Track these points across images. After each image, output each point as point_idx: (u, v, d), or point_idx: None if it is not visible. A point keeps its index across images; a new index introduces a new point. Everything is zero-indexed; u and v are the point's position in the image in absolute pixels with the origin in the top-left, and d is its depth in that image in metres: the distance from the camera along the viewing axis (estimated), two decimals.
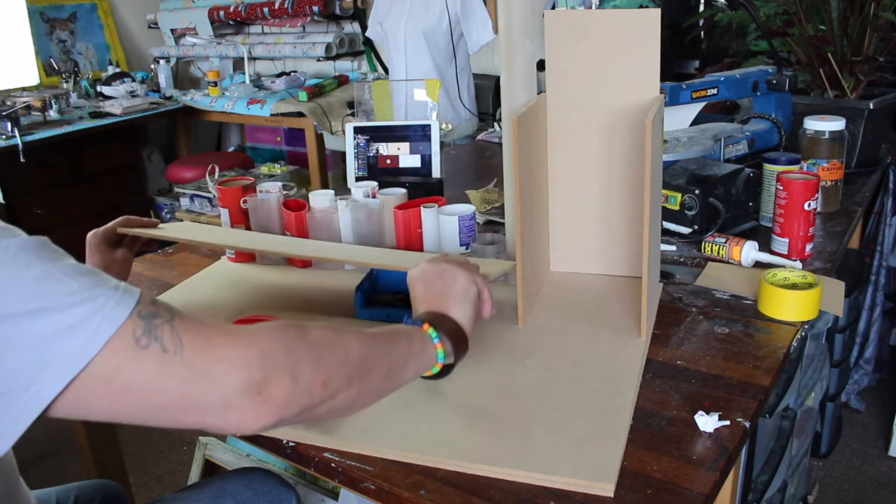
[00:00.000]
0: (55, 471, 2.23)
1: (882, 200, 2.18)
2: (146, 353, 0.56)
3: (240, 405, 0.58)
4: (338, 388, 0.64)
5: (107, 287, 0.57)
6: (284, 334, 0.62)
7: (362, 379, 0.67)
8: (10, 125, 2.96)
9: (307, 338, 0.64)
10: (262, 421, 0.59)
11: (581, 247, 1.18)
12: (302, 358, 0.62)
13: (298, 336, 0.63)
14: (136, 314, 0.57)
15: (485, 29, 2.61)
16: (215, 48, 4.02)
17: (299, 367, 0.61)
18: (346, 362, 0.66)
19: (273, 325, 0.63)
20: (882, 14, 1.65)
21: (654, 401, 0.86)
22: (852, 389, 2.33)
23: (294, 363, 0.61)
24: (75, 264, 0.58)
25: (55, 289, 0.55)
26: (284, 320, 0.65)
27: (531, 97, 1.09)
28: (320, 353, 0.64)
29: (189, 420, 0.59)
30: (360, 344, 0.68)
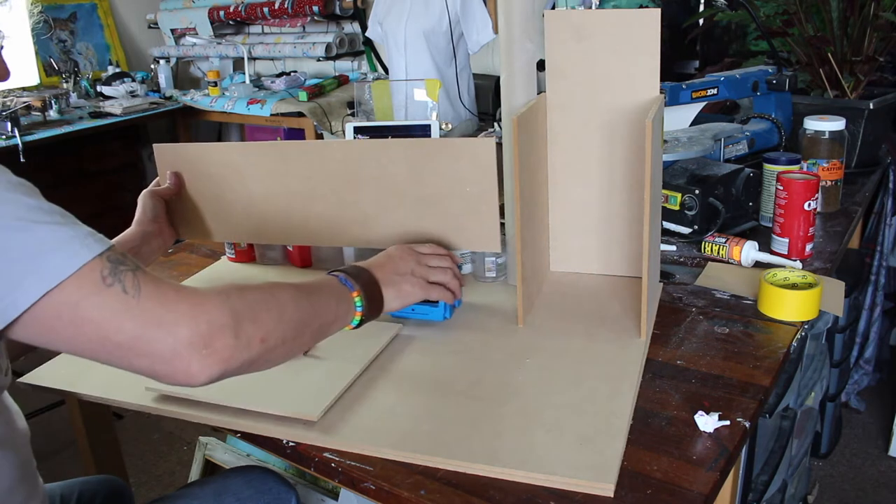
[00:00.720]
0: (55, 471, 2.23)
1: (882, 200, 2.18)
2: (109, 290, 0.64)
3: (187, 356, 0.65)
4: (274, 344, 0.72)
5: (85, 227, 0.67)
6: (228, 296, 0.70)
7: (295, 337, 0.76)
8: (10, 125, 2.96)
9: (246, 297, 0.71)
10: (206, 372, 0.66)
11: (581, 247, 1.18)
12: (244, 317, 0.69)
13: (238, 296, 0.71)
14: (106, 256, 0.65)
15: (485, 29, 2.61)
16: (215, 48, 4.02)
17: (241, 325, 0.69)
18: (281, 321, 0.74)
19: (218, 288, 0.70)
20: (882, 14, 1.65)
21: (654, 401, 0.86)
22: (852, 389, 2.33)
23: (237, 321, 0.69)
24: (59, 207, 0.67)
25: (45, 213, 0.64)
26: (226, 283, 0.73)
27: (531, 97, 1.09)
28: (258, 313, 0.71)
29: (141, 364, 0.66)
30: (295, 304, 0.77)
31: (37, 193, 0.66)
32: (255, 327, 0.70)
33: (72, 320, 0.63)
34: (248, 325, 0.69)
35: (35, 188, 0.67)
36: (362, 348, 0.98)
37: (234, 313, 0.68)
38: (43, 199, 0.66)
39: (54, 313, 0.63)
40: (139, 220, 1.14)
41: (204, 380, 0.67)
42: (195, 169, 1.18)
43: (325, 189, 1.12)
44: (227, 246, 1.34)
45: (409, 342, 1.02)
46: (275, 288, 0.76)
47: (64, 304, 0.63)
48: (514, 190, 0.97)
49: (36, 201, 0.65)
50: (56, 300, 0.62)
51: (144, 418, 2.42)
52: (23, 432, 0.85)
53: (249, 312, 0.70)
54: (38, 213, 0.64)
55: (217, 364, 0.67)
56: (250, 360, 0.70)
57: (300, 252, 1.28)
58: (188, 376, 0.66)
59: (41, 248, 0.62)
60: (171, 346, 0.65)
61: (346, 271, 0.90)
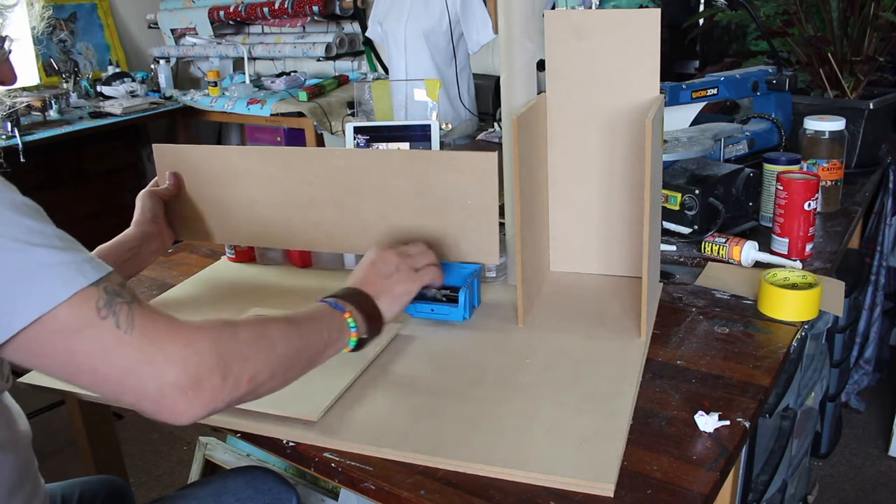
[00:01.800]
0: (55, 471, 2.23)
1: (882, 200, 2.18)
2: (103, 323, 0.63)
3: (174, 396, 0.65)
4: (262, 382, 0.72)
5: (84, 252, 0.66)
6: (218, 335, 0.69)
7: (285, 371, 0.75)
8: (10, 125, 2.96)
9: (237, 337, 0.71)
10: (192, 412, 0.66)
11: (581, 247, 1.18)
12: (232, 357, 0.69)
13: (229, 336, 0.70)
14: (102, 287, 0.65)
15: (485, 29, 2.61)
16: (215, 48, 4.02)
17: (230, 367, 0.68)
18: (270, 358, 0.73)
19: (208, 325, 0.70)
20: (882, 14, 1.65)
21: (654, 401, 0.86)
22: (852, 389, 2.33)
23: (225, 363, 0.68)
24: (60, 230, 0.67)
25: (45, 237, 0.64)
26: (218, 319, 0.72)
27: (531, 97, 1.09)
28: (248, 352, 0.71)
29: (127, 400, 0.66)
30: (284, 339, 0.75)
31: (41, 216, 0.66)
32: (243, 367, 0.69)
33: (64, 349, 0.63)
34: (237, 366, 0.69)
35: (40, 210, 0.67)
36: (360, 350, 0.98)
37: (223, 355, 0.68)
38: (46, 223, 0.66)
39: (48, 339, 0.63)
40: (138, 221, 1.14)
41: (189, 419, 0.67)
42: (195, 170, 1.18)
43: (326, 196, 1.12)
44: (227, 246, 1.34)
45: (409, 342, 1.02)
46: (265, 325, 0.75)
47: (58, 332, 0.63)
48: (514, 190, 0.97)
49: (38, 224, 0.65)
50: (50, 326, 0.62)
51: (144, 418, 2.41)
52: (24, 433, 0.85)
53: (239, 354, 0.70)
54: (38, 235, 0.64)
55: (203, 405, 0.66)
56: (238, 398, 0.70)
57: (300, 252, 1.29)
58: (174, 415, 0.66)
59: (36, 271, 0.62)
60: (158, 386, 0.64)
61: (336, 295, 0.87)
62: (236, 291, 1.23)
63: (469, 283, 1.06)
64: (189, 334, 0.67)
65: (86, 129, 3.26)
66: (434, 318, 1.06)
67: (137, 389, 0.65)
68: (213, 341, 0.68)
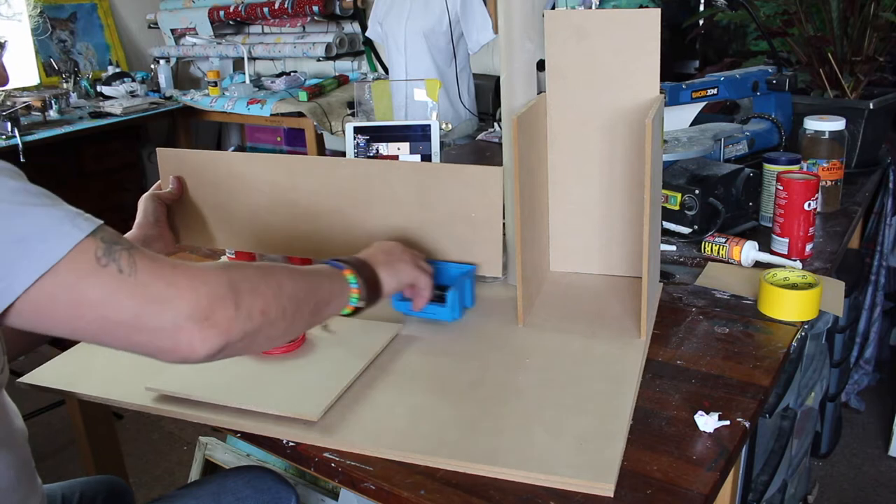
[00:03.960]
0: (55, 470, 2.23)
1: (882, 200, 2.18)
2: (105, 271, 0.63)
3: (188, 328, 0.65)
4: (274, 317, 0.72)
5: (72, 208, 0.65)
6: (226, 269, 0.70)
7: (295, 311, 0.75)
8: (10, 125, 2.96)
9: (245, 272, 0.72)
10: (209, 344, 0.66)
11: (581, 247, 1.18)
12: (243, 288, 0.69)
13: (238, 270, 0.71)
14: (99, 237, 0.64)
15: (485, 29, 2.61)
16: (215, 48, 4.02)
17: (241, 296, 0.68)
18: (280, 294, 0.73)
19: (215, 263, 0.71)
20: (882, 14, 1.65)
21: (654, 401, 0.86)
22: (852, 389, 2.33)
23: (236, 292, 0.68)
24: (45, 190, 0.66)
25: (31, 195, 0.63)
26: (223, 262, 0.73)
27: (531, 97, 1.09)
28: (258, 284, 0.71)
29: (141, 339, 0.65)
30: (291, 280, 0.76)
31: (20, 176, 0.65)
32: (254, 299, 0.69)
33: (69, 302, 0.62)
34: (248, 297, 0.69)
35: (18, 170, 0.66)
36: (362, 348, 0.98)
37: (234, 285, 0.68)
38: (27, 181, 0.65)
39: (50, 297, 0.62)
40: (140, 223, 1.14)
41: (206, 352, 0.66)
42: (198, 175, 1.18)
43: (330, 205, 1.12)
44: None
45: (408, 342, 1.02)
46: (272, 267, 0.76)
47: (59, 287, 0.62)
48: (514, 190, 0.97)
49: (20, 183, 0.64)
50: (51, 283, 0.61)
51: (144, 418, 2.42)
52: (21, 432, 0.85)
53: (248, 284, 0.70)
54: (24, 195, 0.63)
55: (218, 336, 0.66)
56: (252, 331, 0.69)
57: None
58: (191, 349, 0.65)
59: (31, 231, 0.61)
60: (171, 319, 0.64)
61: (338, 259, 0.90)
62: None
63: (460, 283, 1.07)
64: (195, 269, 0.67)
65: (86, 129, 3.26)
66: (425, 316, 1.06)
67: (150, 327, 0.64)
68: (222, 273, 0.68)
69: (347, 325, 1.04)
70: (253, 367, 0.95)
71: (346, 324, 1.04)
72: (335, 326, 1.05)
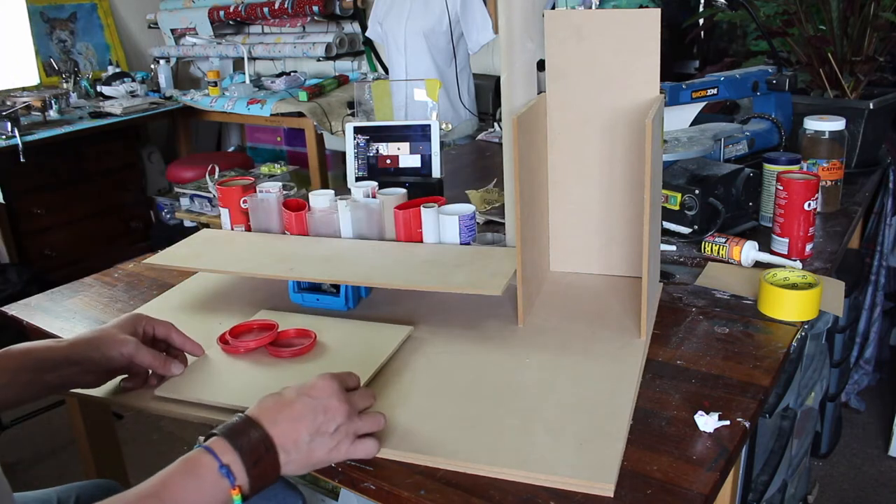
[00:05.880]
0: (55, 471, 2.23)
1: (882, 200, 2.18)
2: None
3: None
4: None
5: None
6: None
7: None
8: (10, 125, 2.96)
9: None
10: None
11: (581, 247, 1.18)
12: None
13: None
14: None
15: (485, 29, 2.61)
16: (215, 48, 4.02)
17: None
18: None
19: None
20: (882, 14, 1.65)
21: (654, 401, 0.86)
22: (852, 389, 2.33)
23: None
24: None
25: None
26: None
27: (531, 97, 1.09)
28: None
29: None
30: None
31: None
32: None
33: None
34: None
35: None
36: (372, 351, 0.97)
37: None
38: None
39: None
40: (108, 329, 0.90)
41: None
42: None
43: None
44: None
45: (408, 342, 1.02)
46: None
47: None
48: (514, 190, 0.97)
49: None
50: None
51: (144, 418, 2.42)
52: None
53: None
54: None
55: None
56: None
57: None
58: None
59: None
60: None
61: (232, 438, 0.69)
62: (235, 291, 1.22)
63: None
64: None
65: (86, 129, 3.26)
66: (319, 307, 1.10)
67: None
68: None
69: (357, 326, 1.04)
70: (261, 369, 0.95)
71: (356, 324, 1.04)
72: (344, 328, 1.05)
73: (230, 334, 1.01)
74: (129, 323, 0.92)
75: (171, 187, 3.64)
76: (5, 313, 1.21)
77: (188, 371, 0.94)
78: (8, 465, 2.21)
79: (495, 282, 1.01)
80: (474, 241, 1.18)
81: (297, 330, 1.02)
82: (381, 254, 1.15)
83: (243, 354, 0.98)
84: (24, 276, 2.93)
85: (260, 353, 0.98)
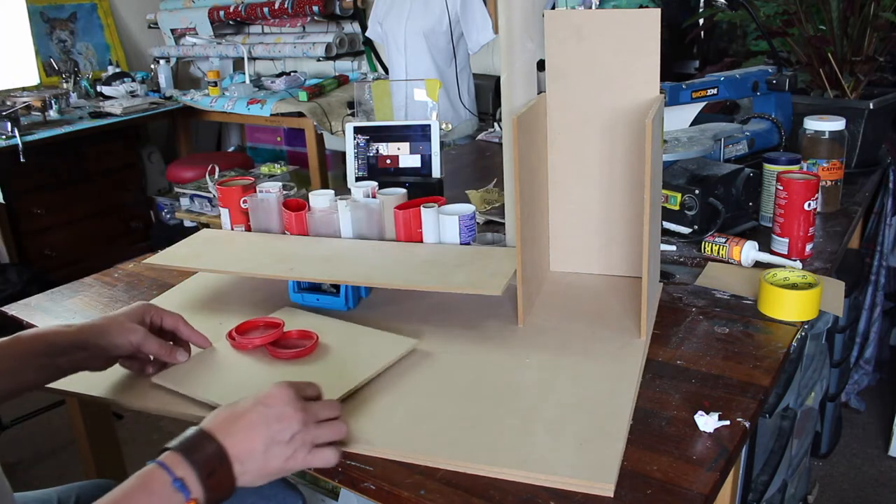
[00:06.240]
0: (55, 471, 2.23)
1: (882, 200, 2.18)
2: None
3: None
4: None
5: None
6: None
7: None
8: (10, 125, 2.96)
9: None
10: None
11: (581, 247, 1.18)
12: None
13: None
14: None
15: (485, 29, 2.61)
16: (215, 48, 4.02)
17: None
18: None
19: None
20: (882, 14, 1.65)
21: (654, 401, 0.86)
22: (852, 389, 2.33)
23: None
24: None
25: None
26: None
27: (531, 97, 1.09)
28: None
29: None
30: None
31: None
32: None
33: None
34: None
35: None
36: (367, 362, 0.95)
37: None
38: None
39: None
40: (117, 317, 0.92)
41: None
42: None
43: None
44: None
45: None
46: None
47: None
48: (514, 190, 0.97)
49: None
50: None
51: (144, 418, 2.42)
52: None
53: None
54: None
55: None
56: None
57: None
58: None
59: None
60: None
61: (186, 451, 0.68)
62: (236, 290, 1.22)
63: None
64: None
65: (86, 129, 3.27)
66: (319, 306, 1.11)
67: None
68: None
69: (362, 333, 1.03)
70: (260, 369, 0.95)
71: (361, 330, 1.03)
72: (348, 332, 1.04)
73: (236, 331, 1.02)
74: (138, 312, 0.93)
75: (171, 187, 3.64)
76: (5, 313, 1.21)
77: (189, 363, 0.95)
78: (8, 465, 2.21)
79: (495, 282, 1.01)
80: (474, 241, 1.18)
81: (299, 331, 1.02)
82: (381, 254, 1.15)
83: (245, 353, 0.98)
84: (24, 276, 2.93)
85: (262, 353, 0.98)
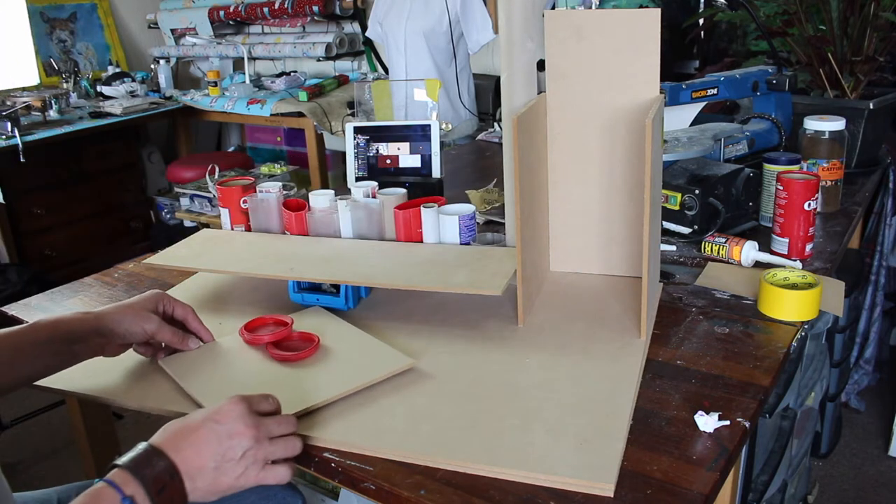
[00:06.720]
0: (55, 471, 2.23)
1: (882, 200, 2.18)
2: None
3: None
4: None
5: None
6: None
7: None
8: (10, 125, 2.96)
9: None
10: None
11: (581, 247, 1.18)
12: None
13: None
14: None
15: (485, 29, 2.61)
16: (215, 48, 4.02)
17: None
18: None
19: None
20: (882, 14, 1.65)
21: (654, 401, 0.86)
22: (852, 389, 2.33)
23: None
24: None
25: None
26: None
27: (531, 97, 1.09)
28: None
29: None
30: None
31: None
32: None
33: None
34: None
35: None
36: (359, 373, 0.92)
37: None
38: None
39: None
40: (133, 305, 0.95)
41: None
42: None
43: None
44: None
45: (409, 342, 1.02)
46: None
47: None
48: (514, 190, 0.97)
49: None
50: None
51: (144, 418, 2.42)
52: None
53: None
54: None
55: None
56: None
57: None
58: None
59: None
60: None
61: (135, 469, 0.67)
62: (236, 290, 1.22)
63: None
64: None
65: (86, 129, 3.26)
66: (320, 304, 1.11)
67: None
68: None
69: (363, 342, 1.01)
70: (259, 369, 0.95)
71: (365, 339, 1.01)
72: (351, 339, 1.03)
73: (245, 328, 1.03)
74: (152, 300, 0.97)
75: (171, 187, 3.64)
76: (5, 313, 1.21)
77: (195, 353, 0.98)
78: (8, 465, 2.21)
79: (495, 282, 1.01)
80: (474, 241, 1.18)
81: (301, 333, 1.02)
82: (381, 254, 1.15)
83: (247, 351, 0.99)
84: (24, 276, 2.93)
85: (263, 352, 0.99)
